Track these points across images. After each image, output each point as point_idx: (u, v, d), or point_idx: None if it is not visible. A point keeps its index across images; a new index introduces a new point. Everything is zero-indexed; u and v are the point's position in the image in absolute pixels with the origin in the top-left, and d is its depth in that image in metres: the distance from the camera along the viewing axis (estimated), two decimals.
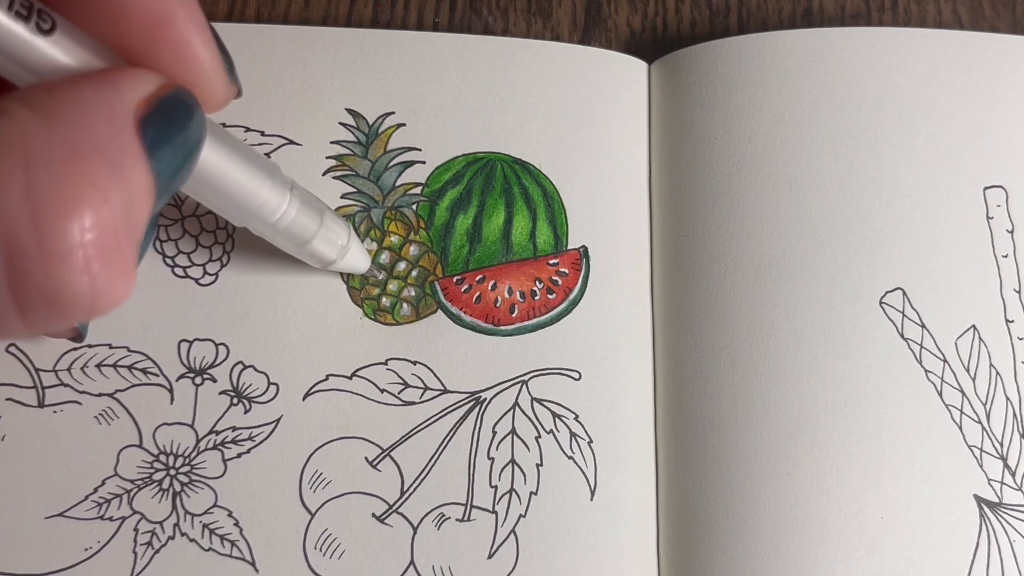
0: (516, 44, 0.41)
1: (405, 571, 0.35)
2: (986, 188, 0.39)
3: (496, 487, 0.36)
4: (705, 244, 0.38)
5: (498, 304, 0.38)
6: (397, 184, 0.39)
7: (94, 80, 0.23)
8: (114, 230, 0.21)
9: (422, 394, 0.37)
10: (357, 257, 0.35)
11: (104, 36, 0.24)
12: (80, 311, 0.21)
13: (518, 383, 0.37)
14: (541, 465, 0.36)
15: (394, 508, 0.35)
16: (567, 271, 0.38)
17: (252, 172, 0.30)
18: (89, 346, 0.36)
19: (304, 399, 0.36)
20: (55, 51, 0.23)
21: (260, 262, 0.37)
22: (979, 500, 0.35)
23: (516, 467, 0.36)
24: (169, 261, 0.37)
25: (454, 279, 0.38)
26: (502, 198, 0.39)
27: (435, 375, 0.37)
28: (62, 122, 0.21)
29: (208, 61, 0.26)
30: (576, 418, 0.37)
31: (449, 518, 0.35)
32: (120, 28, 0.24)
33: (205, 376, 0.36)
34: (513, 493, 0.36)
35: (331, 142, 0.39)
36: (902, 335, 0.37)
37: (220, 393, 0.36)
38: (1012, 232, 0.38)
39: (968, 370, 0.37)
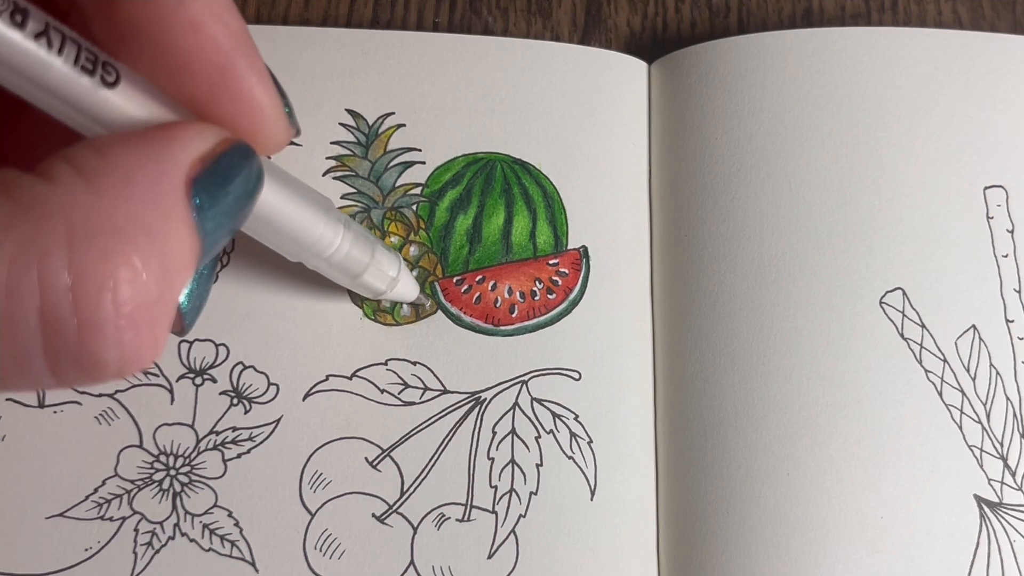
0: (516, 44, 0.41)
1: (405, 571, 0.35)
2: (986, 188, 0.39)
3: (496, 487, 0.36)
4: (705, 244, 0.38)
5: (498, 304, 0.38)
6: (397, 184, 0.39)
7: (148, 140, 0.23)
8: (147, 303, 0.22)
9: (422, 394, 0.37)
10: (407, 287, 0.36)
11: (167, 87, 0.24)
12: (107, 377, 0.22)
13: (518, 383, 0.37)
14: (541, 465, 0.36)
15: (394, 508, 0.35)
16: (567, 271, 0.38)
17: (308, 209, 0.30)
18: None
19: (304, 399, 0.36)
20: (121, 102, 0.23)
21: (260, 263, 0.37)
22: (979, 500, 0.35)
23: (516, 467, 0.36)
24: None
25: (454, 279, 0.38)
26: (502, 198, 0.39)
27: (435, 375, 0.37)
28: (107, 192, 0.21)
29: (269, 108, 0.26)
30: (576, 418, 0.37)
31: (449, 518, 0.35)
32: (183, 80, 0.24)
33: (205, 376, 0.36)
34: (513, 493, 0.36)
35: (331, 142, 0.39)
36: (902, 335, 0.37)
37: (220, 393, 0.36)
38: (1012, 232, 0.38)
39: (968, 370, 0.37)
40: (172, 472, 0.35)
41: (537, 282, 0.38)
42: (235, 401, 0.36)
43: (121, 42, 0.23)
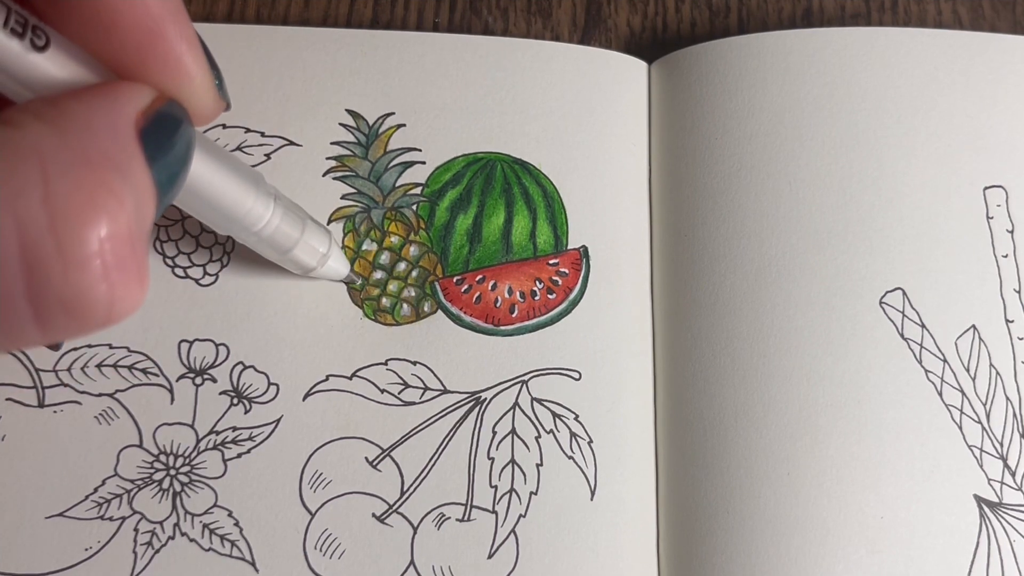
0: (516, 44, 0.41)
1: (405, 571, 0.35)
2: (986, 188, 0.39)
3: (496, 487, 0.36)
4: (705, 244, 0.38)
5: (498, 304, 0.38)
6: (397, 184, 0.39)
7: (95, 93, 0.23)
8: (129, 237, 0.21)
9: (422, 394, 0.37)
10: (337, 264, 0.36)
11: (95, 51, 0.24)
12: (97, 319, 0.21)
13: (518, 383, 0.37)
14: (541, 465, 0.36)
15: (394, 508, 0.35)
16: (567, 271, 0.38)
17: (238, 182, 0.30)
18: (89, 346, 0.36)
19: (304, 399, 0.36)
20: (50, 66, 0.23)
21: (261, 263, 0.37)
22: (979, 500, 0.35)
23: (516, 467, 0.36)
24: (169, 261, 0.37)
25: (454, 279, 0.38)
26: (502, 198, 0.39)
27: (435, 375, 0.37)
28: (72, 132, 0.21)
29: (198, 76, 0.26)
30: (576, 418, 0.37)
31: (449, 518, 0.35)
32: (111, 42, 0.24)
33: (205, 376, 0.36)
34: (513, 493, 0.36)
35: (331, 143, 0.39)
36: (902, 335, 0.37)
37: (220, 393, 0.36)
38: (1012, 232, 0.38)
39: (968, 370, 0.36)
40: (172, 472, 0.35)
41: (537, 282, 0.38)
42: (235, 401, 0.36)
43: (50, 3, 0.23)
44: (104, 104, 0.22)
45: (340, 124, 0.40)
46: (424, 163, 0.39)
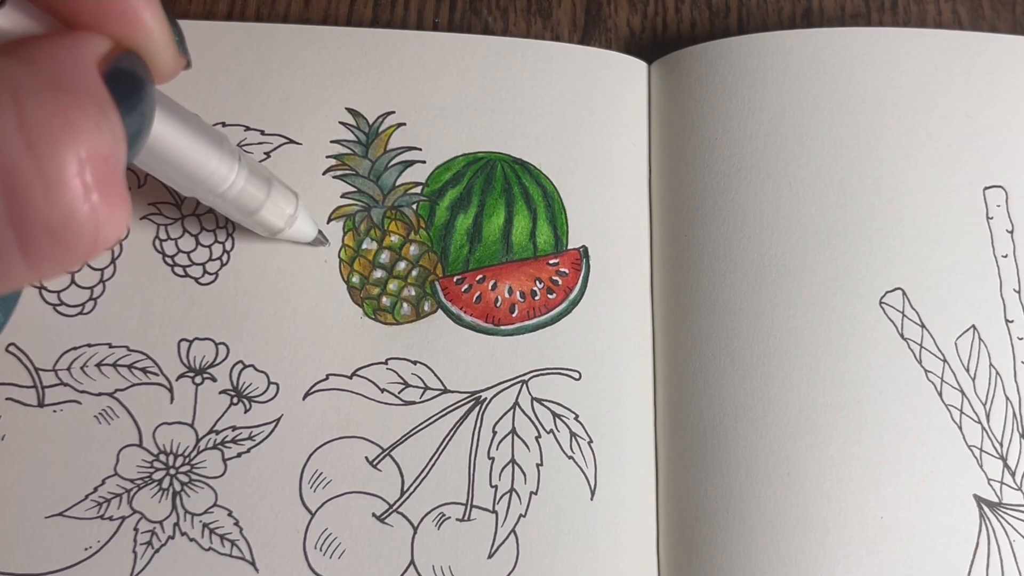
0: (516, 44, 0.41)
1: (405, 571, 0.35)
2: (986, 188, 0.39)
3: (496, 487, 0.36)
4: (705, 244, 0.38)
5: (498, 304, 0.38)
6: (397, 183, 0.39)
7: (57, 35, 0.23)
8: (109, 159, 0.21)
9: (422, 394, 0.37)
10: (304, 225, 0.36)
11: (51, 8, 0.24)
12: (84, 243, 0.21)
13: (518, 383, 0.37)
14: (541, 465, 0.36)
15: (394, 508, 0.35)
16: (567, 271, 0.38)
17: (201, 143, 0.30)
18: (89, 346, 0.36)
19: (304, 399, 0.36)
20: (4, 22, 0.23)
21: (260, 262, 0.37)
22: (979, 500, 0.35)
23: (516, 467, 0.36)
24: (169, 260, 0.37)
25: (454, 279, 0.38)
26: (502, 198, 0.39)
27: (435, 375, 0.37)
28: (40, 64, 0.21)
29: (157, 31, 0.25)
30: (576, 418, 0.37)
31: (449, 518, 0.35)
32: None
33: (205, 375, 0.36)
34: (513, 493, 0.36)
35: (331, 141, 0.39)
36: (902, 335, 0.37)
37: (220, 392, 0.36)
38: (1012, 232, 0.38)
39: (968, 370, 0.37)
40: (172, 471, 0.35)
41: (537, 282, 0.38)
42: (235, 400, 0.36)
43: None
44: (68, 43, 0.22)
45: (340, 123, 0.40)
46: (424, 162, 0.39)
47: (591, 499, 0.36)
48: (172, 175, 0.30)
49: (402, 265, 0.38)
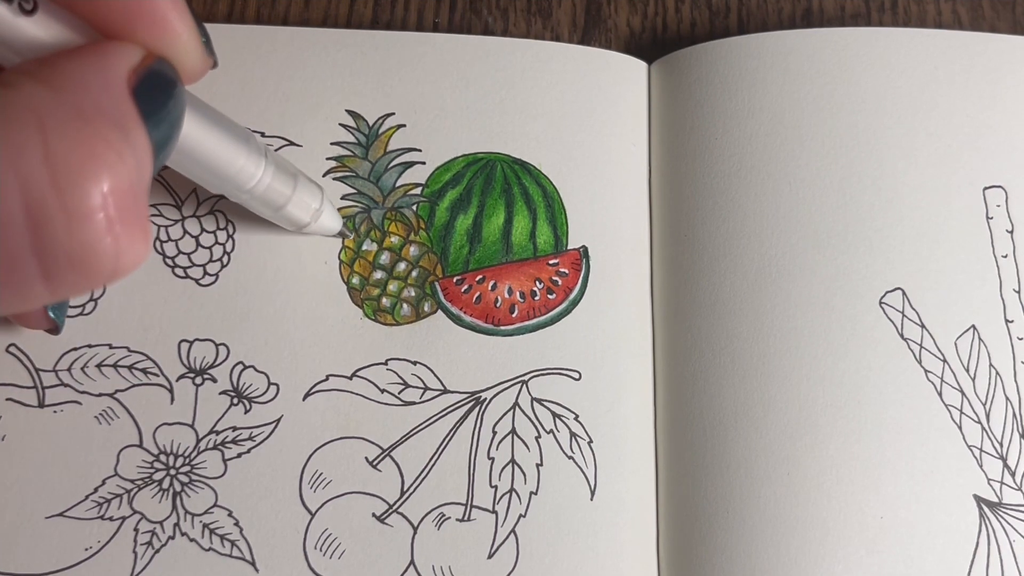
0: (516, 44, 0.41)
1: (405, 571, 0.35)
2: (986, 188, 0.39)
3: (496, 487, 0.36)
4: (705, 244, 0.38)
5: (498, 304, 0.38)
6: (397, 185, 0.39)
7: (86, 52, 0.23)
8: (131, 190, 0.22)
9: (422, 394, 0.37)
10: (329, 220, 0.36)
11: (82, 13, 0.24)
12: (104, 272, 0.22)
13: (518, 383, 0.37)
14: (541, 465, 0.36)
15: (394, 508, 0.35)
16: (567, 271, 0.38)
17: (229, 140, 0.30)
18: (89, 346, 0.36)
19: (304, 399, 0.36)
20: (38, 30, 0.23)
21: (261, 262, 0.37)
22: (979, 500, 0.35)
23: (516, 467, 0.36)
24: (169, 262, 0.37)
25: (454, 279, 0.38)
26: (502, 198, 0.39)
27: (435, 375, 0.37)
28: (67, 90, 0.21)
29: (185, 34, 0.26)
30: (576, 418, 0.37)
31: (449, 518, 0.35)
32: (97, 4, 0.24)
33: (205, 376, 0.36)
34: (513, 493, 0.36)
35: (331, 143, 0.39)
36: (902, 335, 0.37)
37: (220, 393, 0.36)
38: (1012, 232, 0.38)
39: (968, 370, 0.37)
40: (172, 472, 0.35)
41: (537, 282, 0.38)
42: (235, 401, 0.36)
43: None
44: (96, 62, 0.23)
45: (340, 124, 0.40)
46: (424, 163, 0.39)
47: (591, 499, 0.36)
48: (200, 173, 0.31)
49: (402, 266, 0.38)
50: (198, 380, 0.36)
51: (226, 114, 0.31)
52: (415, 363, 0.37)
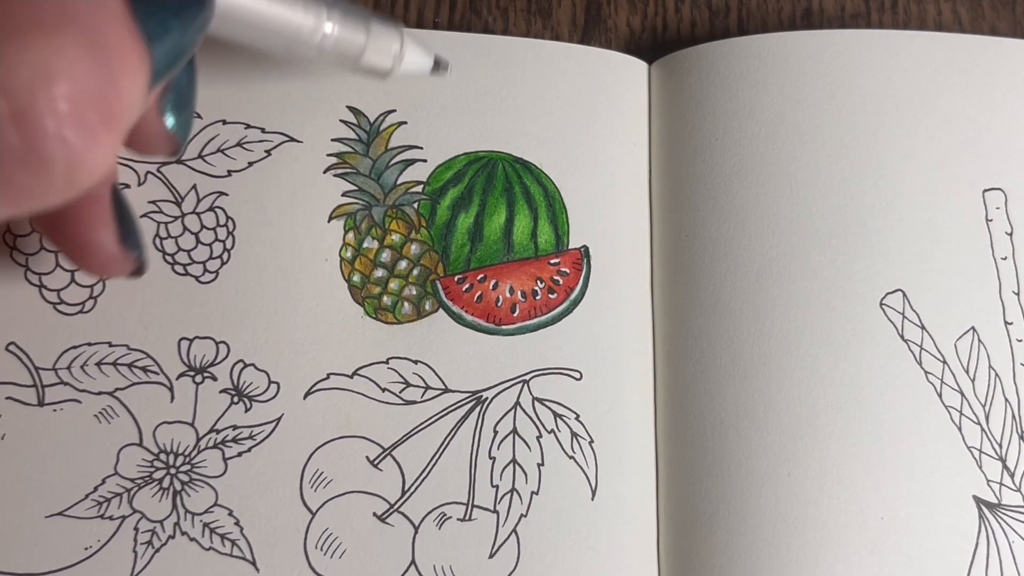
0: (517, 43, 0.41)
1: (406, 570, 0.35)
2: (985, 191, 0.39)
3: (497, 487, 0.36)
4: (706, 244, 0.38)
5: (499, 303, 0.38)
6: (398, 182, 0.39)
7: None
8: (88, 97, 0.22)
9: (423, 393, 0.37)
10: (416, 59, 0.34)
11: None
12: (57, 178, 0.22)
13: (519, 383, 0.37)
14: (542, 465, 0.36)
15: (395, 507, 0.35)
16: (568, 271, 0.38)
17: None
18: (89, 344, 0.36)
19: (305, 398, 0.36)
20: None
21: (261, 260, 0.37)
22: (978, 501, 0.35)
23: (517, 467, 0.36)
24: (169, 258, 0.37)
25: (455, 278, 0.38)
26: (503, 197, 0.39)
27: (436, 374, 0.37)
28: None
29: None
30: (577, 418, 0.37)
31: (450, 517, 0.35)
32: None
33: (205, 374, 0.36)
34: (514, 493, 0.36)
35: (332, 139, 0.39)
36: (902, 336, 0.37)
37: (220, 392, 0.36)
38: (1011, 234, 0.38)
39: (967, 372, 0.37)
40: (172, 471, 0.35)
41: (538, 281, 0.38)
42: (235, 399, 0.36)
43: None
44: None
45: (341, 121, 0.39)
46: (425, 161, 0.39)
47: (592, 499, 0.36)
48: (260, 38, 0.29)
49: (403, 264, 0.38)
50: (198, 378, 0.36)
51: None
52: (416, 362, 0.37)
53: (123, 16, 0.23)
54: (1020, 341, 0.37)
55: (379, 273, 0.38)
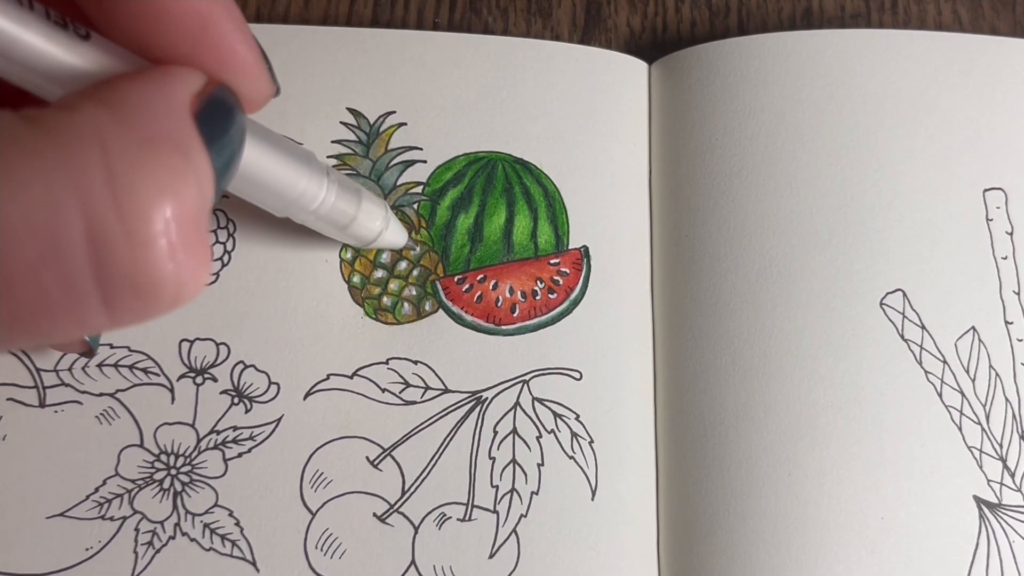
0: (517, 44, 0.41)
1: (406, 571, 0.35)
2: (985, 190, 0.39)
3: (497, 487, 0.36)
4: (706, 244, 0.38)
5: (499, 304, 0.38)
6: (398, 183, 0.39)
7: (147, 76, 0.23)
8: (193, 216, 0.21)
9: (423, 393, 0.37)
10: (395, 235, 0.36)
11: (145, 42, 0.24)
12: (165, 299, 0.21)
13: (519, 383, 0.37)
14: (542, 465, 0.36)
15: (395, 508, 0.35)
16: (568, 271, 0.38)
17: (290, 163, 0.30)
18: None
19: (305, 398, 0.36)
20: (88, 59, 0.23)
21: (261, 262, 0.37)
22: (979, 501, 0.35)
23: (517, 467, 0.36)
24: None
25: (455, 278, 0.38)
26: (503, 198, 0.39)
27: (436, 375, 0.37)
28: (130, 113, 0.21)
29: (252, 62, 0.26)
30: (577, 418, 0.37)
31: (450, 518, 0.35)
32: (163, 32, 0.24)
33: (206, 376, 0.36)
34: (514, 493, 0.36)
35: (332, 141, 0.39)
36: (902, 336, 0.37)
37: (221, 393, 0.36)
38: (1011, 234, 0.38)
39: (968, 371, 0.37)
40: (173, 471, 0.35)
41: (538, 282, 0.38)
42: (236, 400, 0.36)
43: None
44: (159, 86, 0.22)
45: (341, 122, 0.39)
46: (425, 162, 0.39)
47: (592, 499, 0.36)
48: (264, 198, 0.31)
49: (403, 265, 0.38)
50: (199, 379, 0.36)
51: None
52: (416, 362, 0.37)
53: (196, 132, 0.22)
54: (1020, 341, 0.37)
55: (379, 274, 0.38)
